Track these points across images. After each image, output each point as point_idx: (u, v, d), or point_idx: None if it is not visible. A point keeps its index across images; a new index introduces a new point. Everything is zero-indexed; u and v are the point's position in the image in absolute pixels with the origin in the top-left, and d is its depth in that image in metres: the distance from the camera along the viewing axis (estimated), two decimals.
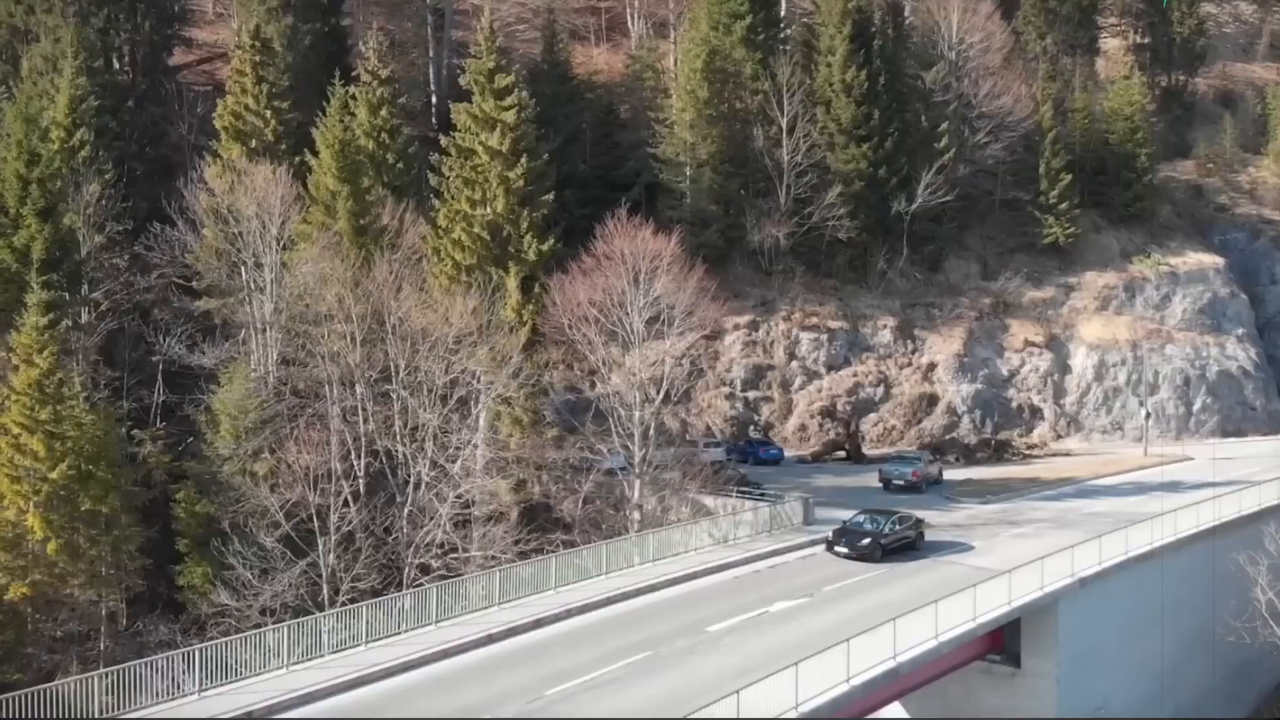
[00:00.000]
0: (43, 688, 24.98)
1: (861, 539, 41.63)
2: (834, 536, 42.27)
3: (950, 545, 44.42)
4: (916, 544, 42.94)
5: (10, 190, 45.11)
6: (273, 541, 39.32)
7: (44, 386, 39.11)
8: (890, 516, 43.19)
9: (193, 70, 72.76)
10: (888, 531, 42.09)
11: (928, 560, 41.91)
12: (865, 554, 40.99)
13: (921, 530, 43.74)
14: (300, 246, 46.57)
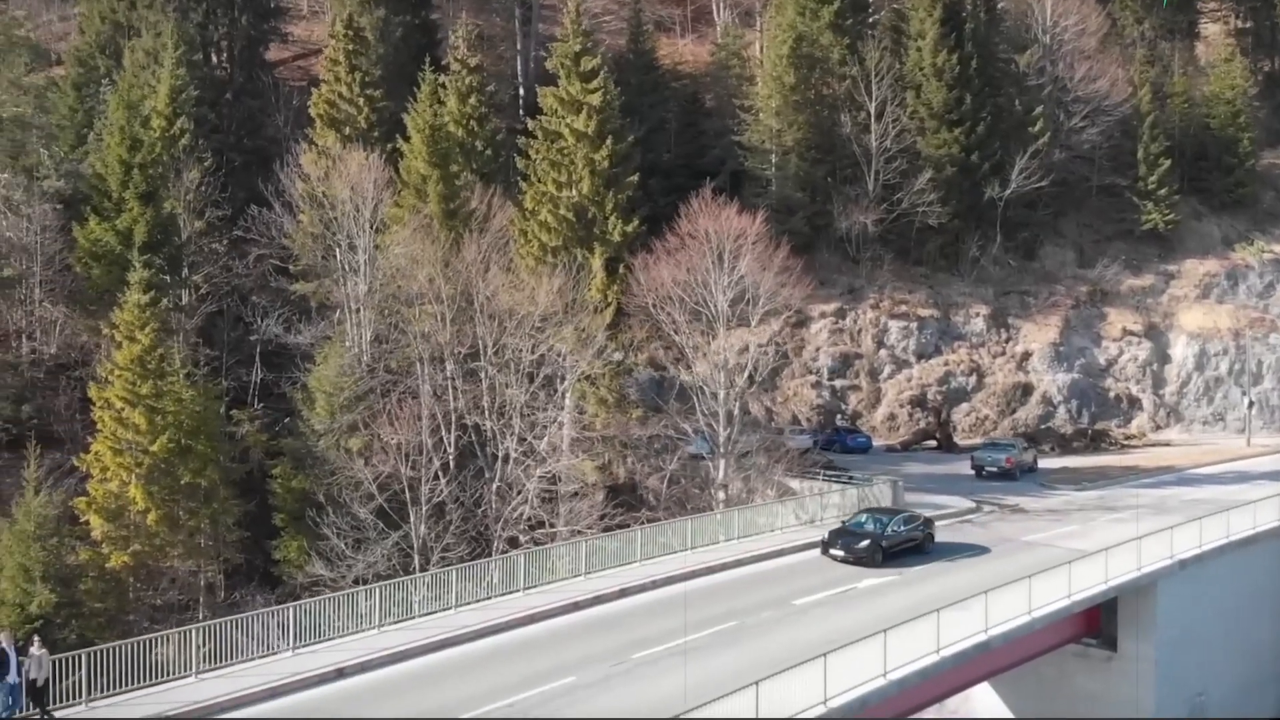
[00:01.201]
0: (144, 638, 25.72)
1: (859, 541, 37.94)
2: (829, 538, 38.68)
3: (965, 548, 40.35)
4: (924, 546, 39.31)
5: (113, 174, 46.68)
6: (366, 513, 40.02)
7: (145, 362, 40.36)
8: (895, 516, 39.69)
9: (288, 66, 74.52)
10: (890, 533, 38.45)
11: (938, 564, 38.04)
12: (863, 557, 37.32)
13: (931, 531, 40.09)
14: (392, 229, 47.38)
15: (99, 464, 39.89)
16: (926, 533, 39.75)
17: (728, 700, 22.99)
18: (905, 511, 40.72)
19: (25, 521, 37.85)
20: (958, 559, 38.82)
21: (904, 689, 27.77)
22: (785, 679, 24.16)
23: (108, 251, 45.73)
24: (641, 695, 24.87)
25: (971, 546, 40.60)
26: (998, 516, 47.44)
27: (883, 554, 37.37)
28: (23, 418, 43.95)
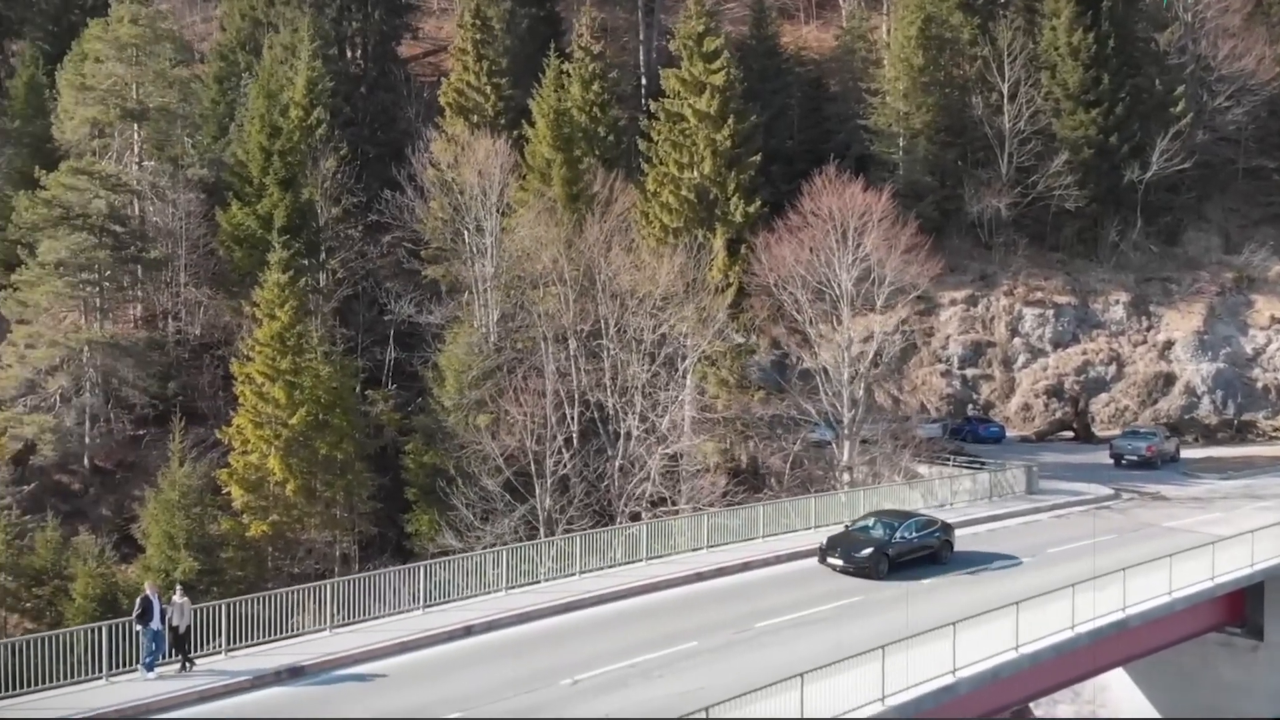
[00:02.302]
0: (280, 590, 26.62)
1: (861, 549, 33.14)
2: (827, 545, 33.83)
3: (992, 558, 35.31)
4: (941, 555, 34.43)
5: (254, 161, 48.52)
6: (494, 486, 40.79)
7: (285, 339, 41.89)
8: (907, 520, 34.89)
9: (419, 62, 76.38)
10: (899, 540, 33.66)
11: (955, 576, 33.11)
12: (865, 568, 32.64)
13: (949, 538, 34.94)
14: (518, 212, 48.20)
15: (240, 437, 41.52)
16: (944, 540, 34.71)
17: (859, 666, 22.80)
18: (920, 515, 35.84)
19: (170, 491, 39.69)
20: (981, 571, 33.67)
21: (1036, 663, 26.98)
22: (916, 647, 23.96)
23: (249, 235, 47.57)
24: (764, 660, 24.66)
25: (1001, 556, 35.39)
26: (1137, 503, 45.76)
27: (889, 563, 32.76)
28: (169, 394, 46.02)
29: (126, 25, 49.04)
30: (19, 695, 21.91)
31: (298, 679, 24.12)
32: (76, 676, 22.84)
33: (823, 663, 22.08)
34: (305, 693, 23.55)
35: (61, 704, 21.65)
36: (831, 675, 21.96)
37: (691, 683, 23.42)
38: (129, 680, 23.06)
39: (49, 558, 38.47)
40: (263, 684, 23.49)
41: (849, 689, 22.33)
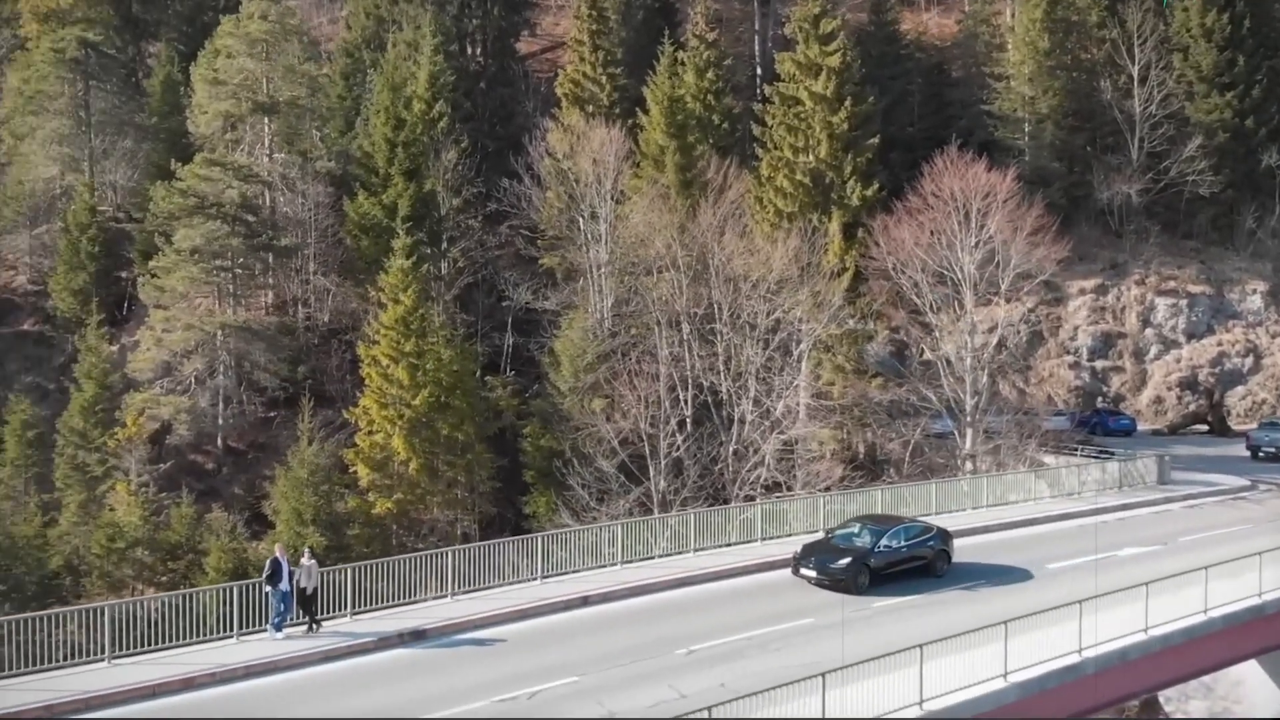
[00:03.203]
0: (399, 558, 27.31)
1: (837, 559, 29.15)
2: (801, 553, 30.10)
3: (995, 572, 31.00)
4: (935, 567, 30.49)
5: (379, 152, 49.85)
6: (609, 467, 41.12)
7: (408, 322, 42.99)
8: (895, 527, 30.58)
9: (537, 59, 77.38)
10: (883, 549, 29.54)
11: (951, 593, 28.89)
12: (840, 580, 28.69)
13: (946, 548, 30.88)
14: (631, 199, 48.51)
15: (366, 417, 42.74)
16: (939, 550, 30.62)
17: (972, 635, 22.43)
18: (912, 522, 31.71)
19: (300, 470, 41.05)
20: (981, 587, 29.62)
21: (1167, 645, 26.07)
22: (1038, 627, 23.59)
23: (374, 224, 48.89)
24: (881, 637, 24.28)
25: (1006, 571, 31.27)
26: (1275, 495, 43.75)
27: (870, 576, 28.91)
28: (299, 377, 47.62)
29: (256, 21, 50.94)
30: (157, 650, 22.90)
31: (420, 642, 24.71)
32: (209, 635, 23.81)
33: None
34: (427, 655, 24.11)
35: (196, 660, 22.57)
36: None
37: (808, 656, 23.15)
38: (258, 640, 23.91)
39: (184, 533, 40.12)
40: (386, 645, 24.10)
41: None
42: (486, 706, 21.30)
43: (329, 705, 20.96)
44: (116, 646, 22.39)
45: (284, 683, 22.00)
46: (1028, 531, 36.91)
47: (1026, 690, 22.93)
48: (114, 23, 60.45)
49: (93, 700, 20.64)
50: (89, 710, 20.48)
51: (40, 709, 19.99)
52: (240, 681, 21.87)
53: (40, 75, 56.00)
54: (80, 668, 21.90)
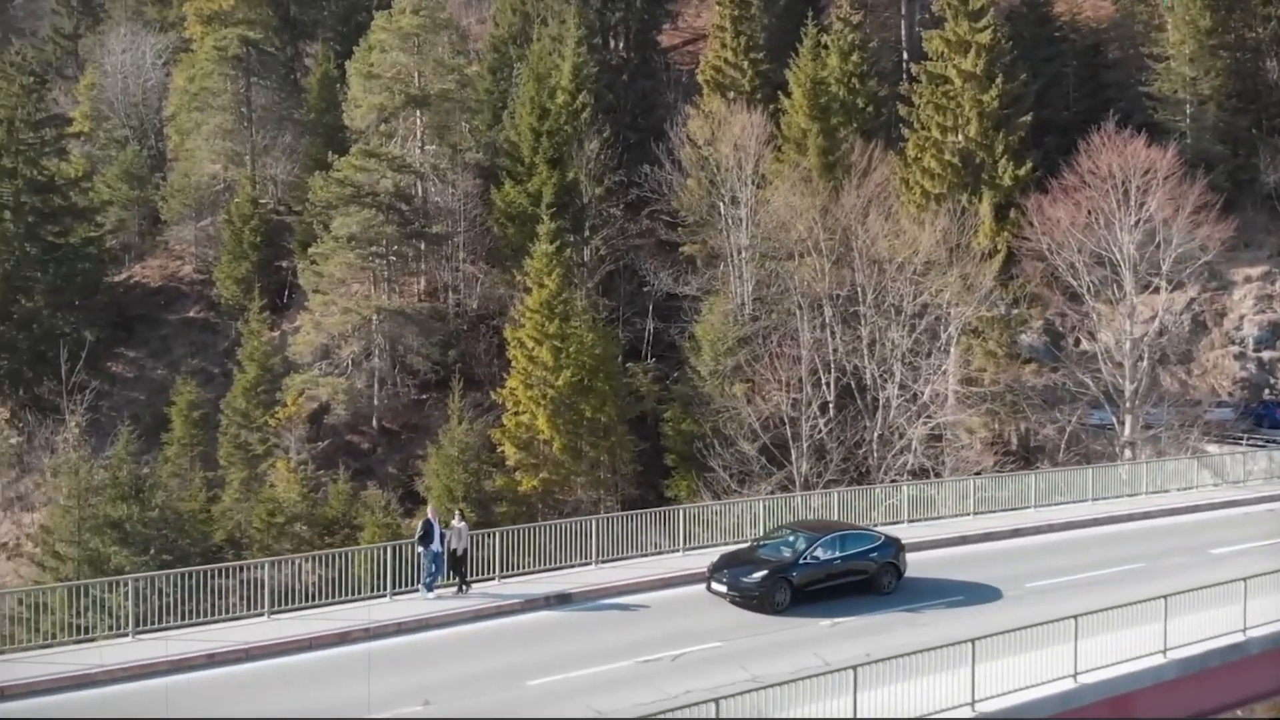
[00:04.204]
0: (545, 524, 27.75)
1: (752, 571, 24.88)
2: (715, 564, 25.81)
3: (959, 590, 26.46)
4: (880, 583, 25.93)
5: (525, 141, 50.83)
6: (751, 450, 40.96)
7: (552, 305, 43.76)
8: (825, 536, 26.03)
9: (679, 51, 77.65)
10: (810, 561, 25.13)
11: (888, 614, 24.45)
12: (753, 598, 24.46)
13: (896, 561, 26.33)
14: (773, 183, 48.22)
15: (513, 398, 43.68)
16: (884, 563, 26.05)
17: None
18: (855, 530, 27.33)
19: (450, 448, 42.22)
20: (927, 609, 24.85)
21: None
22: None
23: (520, 212, 49.86)
24: (1035, 615, 23.47)
25: (973, 588, 26.70)
26: None
27: (791, 593, 24.60)
28: (449, 361, 48.95)
29: (408, 16, 52.55)
30: (314, 607, 23.76)
31: (565, 605, 25.00)
32: (363, 594, 24.58)
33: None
34: (572, 617, 24.39)
35: (350, 616, 23.25)
36: None
37: (945, 631, 22.30)
38: (410, 599, 24.53)
39: (340, 508, 41.57)
40: (533, 607, 24.45)
41: None
42: (630, 666, 21.40)
43: (478, 660, 21.38)
44: (275, 603, 23.28)
45: (434, 639, 22.53)
46: (1191, 518, 35.41)
47: None
48: (273, 24, 63.16)
49: (253, 650, 21.47)
50: (249, 660, 21.29)
51: (203, 657, 20.90)
52: (392, 637, 22.46)
53: (204, 73, 58.96)
54: (241, 622, 22.79)
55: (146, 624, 21.93)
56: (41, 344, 50.71)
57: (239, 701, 19.43)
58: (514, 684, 20.51)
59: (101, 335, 52.52)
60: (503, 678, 20.69)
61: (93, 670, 20.15)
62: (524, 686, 20.46)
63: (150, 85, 64.23)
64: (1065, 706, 20.41)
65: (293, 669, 20.68)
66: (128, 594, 21.95)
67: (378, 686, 20.13)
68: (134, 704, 19.24)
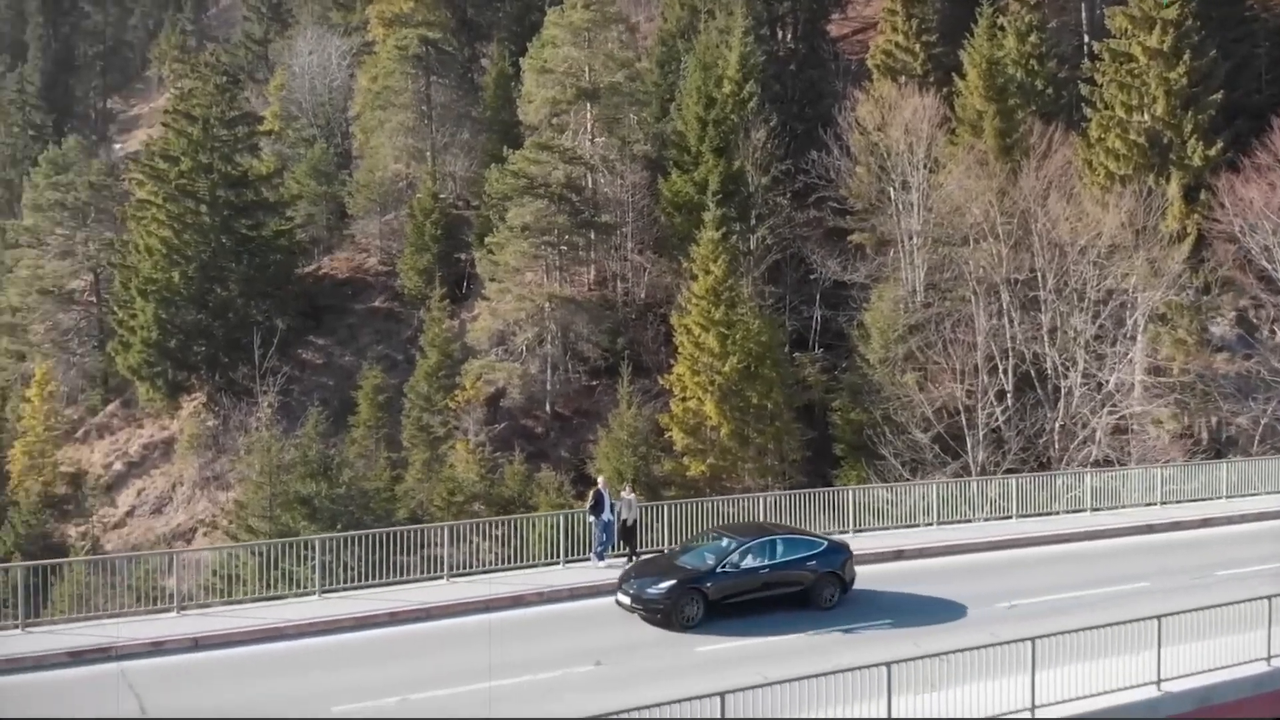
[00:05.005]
0: (712, 500, 27.96)
1: (659, 581, 22.08)
2: (625, 573, 23.23)
3: (914, 607, 23.43)
4: (818, 596, 22.82)
5: (691, 130, 51.24)
6: (924, 438, 40.29)
7: (718, 292, 43.99)
8: (757, 540, 22.99)
9: (848, 41, 76.73)
10: (729, 570, 22.22)
11: (819, 635, 21.55)
12: (657, 611, 21.78)
13: (838, 571, 23.19)
14: (945, 167, 47.12)
15: (680, 383, 44.11)
16: (824, 573, 22.89)
17: None
18: (794, 535, 24.21)
19: (620, 431, 43.04)
20: (867, 629, 22.01)
21: None
22: None
23: (687, 201, 50.26)
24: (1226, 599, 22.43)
25: (933, 604, 23.67)
26: None
27: (703, 606, 21.80)
28: (618, 348, 49.84)
29: (579, 11, 53.65)
30: (490, 572, 24.64)
31: None
32: (537, 561, 25.34)
33: None
34: None
35: (526, 581, 24.06)
36: None
37: (1130, 611, 21.23)
38: (581, 567, 25.12)
39: (516, 489, 42.82)
40: None
41: None
42: (796, 640, 21.45)
43: (648, 627, 21.71)
44: (454, 568, 24.17)
45: (606, 604, 22.95)
46: None
47: None
48: (451, 25, 65.31)
49: (432, 610, 22.39)
50: (429, 619, 22.24)
51: (385, 615, 21.89)
52: (565, 602, 23.07)
53: (386, 72, 61.42)
54: (421, 584, 23.75)
55: (332, 583, 23.14)
56: (236, 331, 53.80)
57: (418, 656, 20.29)
58: (684, 650, 20.72)
59: (292, 324, 55.35)
60: (676, 645, 20.80)
61: (281, 624, 21.37)
62: (693, 653, 20.70)
63: (336, 86, 67.35)
64: None
65: (469, 628, 21.38)
66: (314, 553, 23.18)
67: (550, 647, 20.73)
68: (319, 656, 20.37)
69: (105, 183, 64.21)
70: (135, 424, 57.42)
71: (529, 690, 18.81)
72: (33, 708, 17.90)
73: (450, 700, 18.19)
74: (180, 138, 55.91)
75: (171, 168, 55.51)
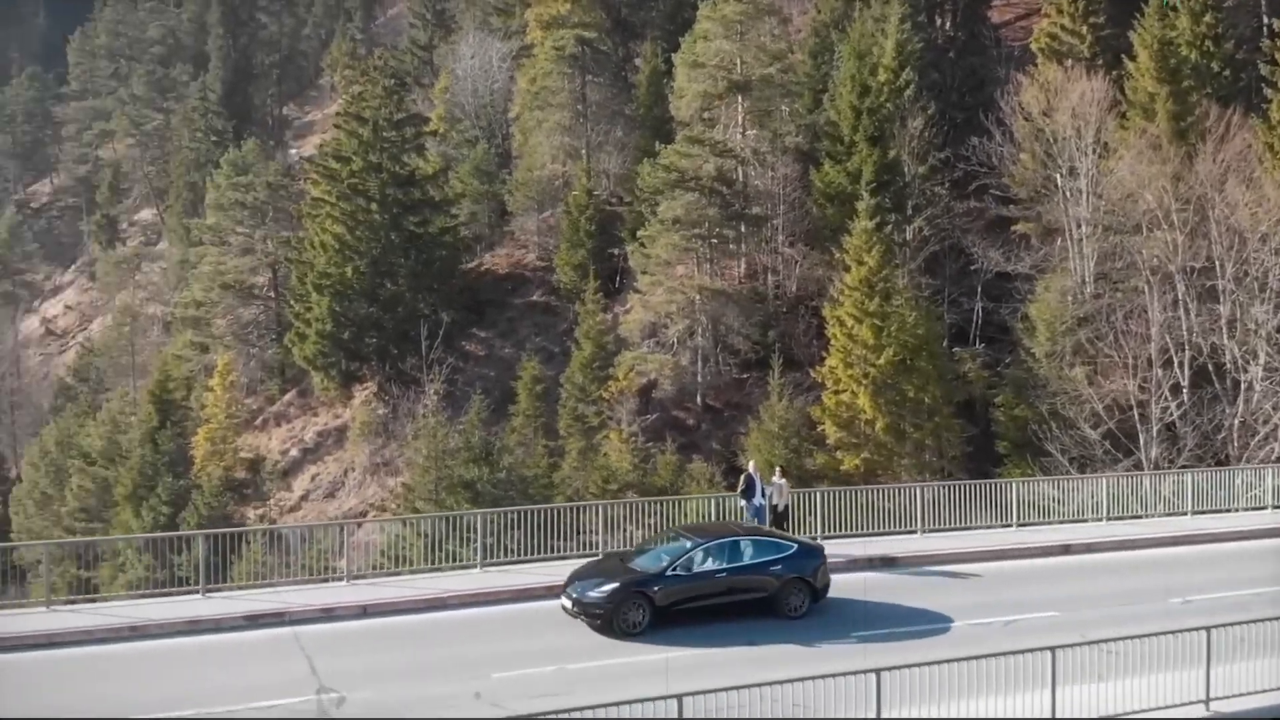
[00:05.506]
0: (870, 487, 27.58)
1: (602, 584, 20.59)
2: (573, 574, 21.68)
3: (908, 617, 21.48)
4: (783, 603, 21.07)
5: (845, 120, 50.55)
6: (1094, 434, 38.93)
7: (872, 283, 43.27)
8: (716, 541, 21.41)
9: (1010, 27, 74.50)
10: (680, 574, 20.59)
11: (769, 649, 19.65)
12: (597, 616, 20.33)
13: (810, 578, 21.47)
14: (1115, 152, 45.29)
15: (832, 376, 43.56)
16: (791, 579, 21.19)
17: None
18: (760, 536, 22.28)
19: (771, 423, 42.82)
20: (839, 643, 20.05)
21: None
22: None
23: (840, 191, 49.65)
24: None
25: (922, 616, 21.62)
26: None
27: (650, 613, 20.22)
28: (768, 341, 49.63)
29: (732, 4, 53.48)
30: None
31: (890, 568, 24.85)
32: None
33: None
34: (897, 579, 24.22)
35: None
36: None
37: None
38: None
39: (668, 479, 43.11)
40: (855, 568, 24.36)
41: None
42: (961, 628, 21.05)
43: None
44: (608, 546, 24.49)
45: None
46: None
47: None
48: (605, 25, 66.09)
49: None
50: None
51: (543, 589, 22.31)
52: None
53: (544, 73, 62.59)
54: (576, 561, 24.14)
55: (493, 557, 23.83)
56: (405, 324, 55.65)
57: (573, 627, 20.54)
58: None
59: (456, 317, 56.94)
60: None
61: (444, 594, 22.09)
62: (849, 637, 20.47)
63: (496, 88, 69.02)
64: None
65: None
66: (476, 535, 23.89)
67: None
68: (480, 626, 20.99)
69: (282, 183, 67.25)
70: (310, 412, 60.17)
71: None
72: (212, 664, 19.00)
73: (597, 671, 18.47)
74: (351, 138, 58.20)
75: (344, 167, 57.82)
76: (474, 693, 17.77)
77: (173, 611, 21.09)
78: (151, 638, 20.03)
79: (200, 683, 18.11)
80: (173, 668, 18.91)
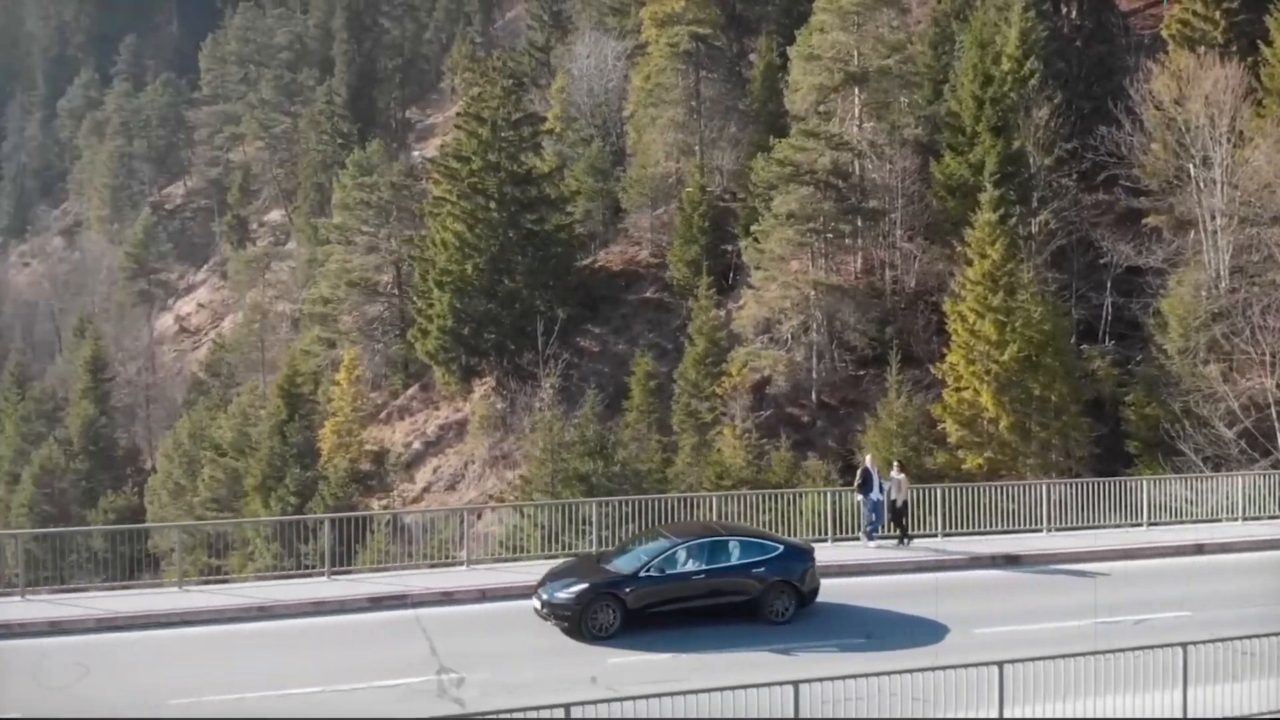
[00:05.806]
0: (993, 484, 27.07)
1: (571, 584, 20.00)
2: (547, 573, 21.08)
3: (895, 626, 20.65)
4: (767, 608, 20.33)
5: (967, 110, 49.48)
6: (1229, 433, 37.49)
7: (995, 277, 42.26)
8: (697, 541, 20.66)
9: (1139, 15, 72.14)
10: (653, 575, 19.86)
11: (743, 655, 18.80)
12: (566, 617, 19.70)
13: (797, 582, 20.70)
14: (1253, 140, 43.45)
15: (953, 373, 42.68)
16: (776, 581, 20.43)
17: None
18: (745, 536, 21.54)
19: (889, 420, 42.18)
20: (817, 650, 19.39)
21: None
22: None
23: (960, 184, 48.61)
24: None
25: (915, 624, 20.62)
26: None
27: (621, 615, 19.59)
28: (886, 337, 48.77)
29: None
30: None
31: (1014, 566, 24.40)
32: (804, 536, 25.31)
33: None
34: (1021, 577, 23.83)
35: None
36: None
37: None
38: (850, 546, 24.96)
39: (783, 475, 42.70)
40: (978, 565, 24.05)
41: None
42: (1084, 625, 20.27)
43: (920, 605, 21.20)
44: None
45: (877, 583, 22.79)
46: None
47: None
48: (720, 21, 65.92)
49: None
50: None
51: None
52: (834, 578, 22.73)
53: (658, 70, 62.66)
54: None
55: (607, 548, 24.00)
56: (521, 320, 56.33)
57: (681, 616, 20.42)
58: (962, 631, 20.07)
59: (571, 313, 57.44)
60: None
61: None
62: (970, 634, 20.06)
63: (611, 87, 69.41)
64: None
65: None
66: (591, 527, 24.15)
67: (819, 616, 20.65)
68: None
69: (405, 183, 68.79)
70: (432, 406, 61.48)
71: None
72: (336, 644, 19.53)
73: (715, 661, 18.43)
74: (471, 138, 59.21)
75: (464, 167, 58.86)
76: (590, 677, 17.90)
77: (299, 593, 21.80)
78: (278, 618, 20.75)
79: (325, 661, 18.66)
80: (298, 646, 19.55)
